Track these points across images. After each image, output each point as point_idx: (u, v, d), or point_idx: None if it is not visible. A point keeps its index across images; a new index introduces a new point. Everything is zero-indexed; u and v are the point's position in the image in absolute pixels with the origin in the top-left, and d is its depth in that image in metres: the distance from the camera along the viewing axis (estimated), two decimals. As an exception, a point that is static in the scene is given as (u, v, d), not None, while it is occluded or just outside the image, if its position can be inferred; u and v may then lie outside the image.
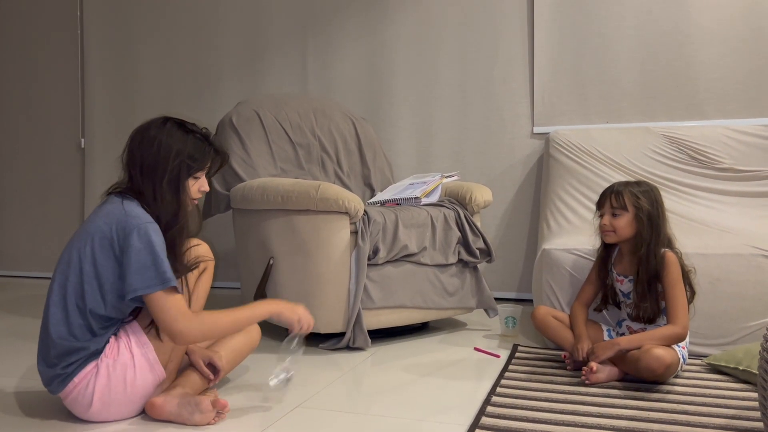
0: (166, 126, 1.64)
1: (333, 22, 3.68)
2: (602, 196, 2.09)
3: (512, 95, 3.38)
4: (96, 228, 1.55)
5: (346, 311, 2.33)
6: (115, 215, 1.55)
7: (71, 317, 1.53)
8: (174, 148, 1.61)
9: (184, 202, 1.64)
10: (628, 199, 2.01)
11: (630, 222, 2.01)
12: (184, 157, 1.62)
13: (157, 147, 1.60)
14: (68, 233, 4.25)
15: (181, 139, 1.63)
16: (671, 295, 1.95)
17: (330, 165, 3.00)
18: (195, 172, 1.65)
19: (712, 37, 3.07)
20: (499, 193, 3.40)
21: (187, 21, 3.96)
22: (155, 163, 1.60)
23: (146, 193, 1.59)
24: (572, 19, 3.26)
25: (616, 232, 2.03)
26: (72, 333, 1.53)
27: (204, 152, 1.66)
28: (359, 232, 2.34)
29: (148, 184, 1.60)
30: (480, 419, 1.62)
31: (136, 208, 1.56)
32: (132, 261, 1.49)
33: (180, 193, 1.62)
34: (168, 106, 4.00)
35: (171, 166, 1.60)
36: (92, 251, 1.53)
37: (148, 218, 1.55)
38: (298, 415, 1.68)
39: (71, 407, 1.59)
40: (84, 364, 1.53)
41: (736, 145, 2.90)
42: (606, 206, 2.06)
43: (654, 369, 1.83)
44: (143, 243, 1.50)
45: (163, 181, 1.60)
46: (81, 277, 1.54)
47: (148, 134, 1.62)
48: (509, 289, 3.40)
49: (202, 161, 1.66)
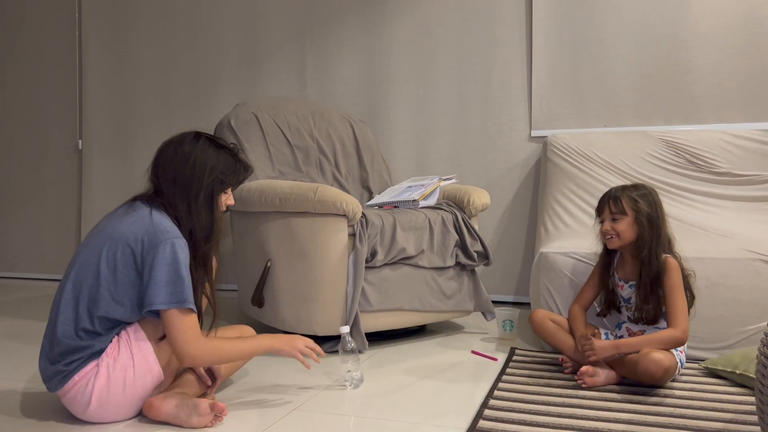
0: (199, 141, 1.67)
1: (331, 26, 3.68)
2: (601, 201, 2.10)
3: (510, 99, 3.39)
4: (121, 234, 1.56)
5: (344, 314, 2.33)
6: (143, 225, 1.56)
7: (80, 318, 1.54)
8: (208, 164, 1.65)
9: (218, 217, 1.69)
10: (626, 203, 2.02)
11: (630, 225, 2.02)
12: (218, 173, 1.66)
13: (192, 163, 1.63)
14: (65, 234, 4.25)
15: (214, 155, 1.67)
16: (672, 299, 1.95)
17: (328, 168, 3.00)
18: (227, 187, 1.71)
19: (709, 43, 3.08)
20: (497, 197, 3.41)
21: (185, 23, 3.96)
22: (191, 178, 1.63)
23: (180, 207, 1.62)
24: (570, 24, 3.27)
25: (619, 236, 2.03)
26: (78, 333, 1.54)
27: (235, 168, 1.71)
28: (357, 235, 2.34)
29: (182, 198, 1.63)
30: (477, 423, 1.62)
31: (165, 221, 1.58)
32: (156, 275, 1.52)
33: (214, 208, 1.67)
34: (166, 108, 4.00)
35: (206, 182, 1.64)
36: (114, 257, 1.54)
37: (177, 233, 1.57)
38: (295, 417, 1.68)
39: (69, 405, 1.59)
40: (85, 362, 1.53)
41: (734, 150, 2.91)
42: (605, 212, 2.06)
43: (652, 373, 1.83)
44: (170, 259, 1.53)
45: (199, 196, 1.64)
46: (98, 280, 1.54)
47: (182, 149, 1.65)
48: (507, 293, 3.40)
49: (234, 177, 1.71)
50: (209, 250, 1.68)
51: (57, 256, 4.27)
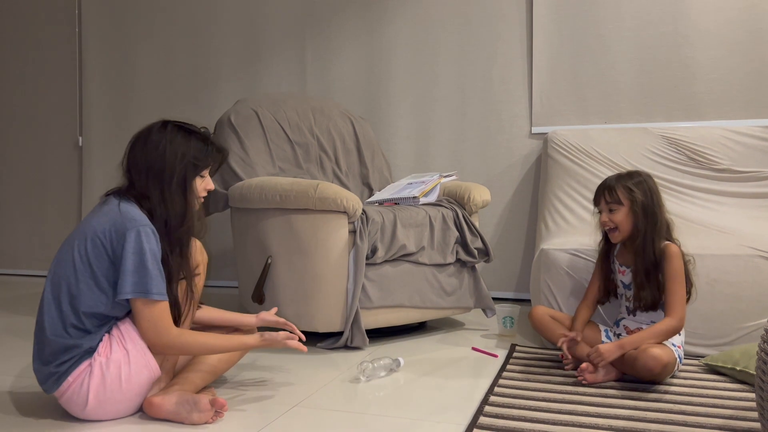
0: (167, 129, 1.67)
1: (332, 23, 3.68)
2: (597, 192, 2.10)
3: (511, 95, 3.39)
4: (90, 228, 1.57)
5: (344, 310, 2.33)
6: (110, 216, 1.57)
7: (65, 315, 1.54)
8: (179, 150, 1.65)
9: (191, 203, 1.69)
10: (621, 193, 2.02)
11: (627, 215, 2.02)
12: (190, 158, 1.66)
13: (162, 150, 1.63)
14: (66, 231, 4.25)
15: (183, 140, 1.67)
16: (671, 288, 1.96)
17: (328, 164, 3.00)
18: (201, 171, 1.70)
19: (710, 39, 3.07)
20: (498, 193, 3.41)
21: (185, 19, 3.95)
22: (162, 166, 1.63)
23: (153, 196, 1.62)
24: (571, 20, 3.27)
25: (618, 228, 2.03)
26: (67, 330, 1.54)
27: (207, 151, 1.71)
28: (357, 232, 2.34)
29: (155, 187, 1.63)
30: (478, 419, 1.63)
31: (132, 210, 1.58)
32: (124, 263, 1.52)
33: (188, 193, 1.67)
34: (166, 104, 4.00)
35: (178, 168, 1.64)
36: (85, 251, 1.55)
37: (144, 221, 1.57)
38: (296, 414, 1.68)
39: (67, 406, 1.59)
40: (77, 362, 1.53)
41: (734, 146, 2.90)
42: (601, 202, 2.07)
43: (651, 368, 1.84)
44: (136, 247, 1.53)
45: (171, 183, 1.64)
46: (75, 276, 1.55)
47: (151, 139, 1.65)
48: (507, 289, 3.40)
49: (206, 160, 1.71)
50: (184, 237, 1.67)
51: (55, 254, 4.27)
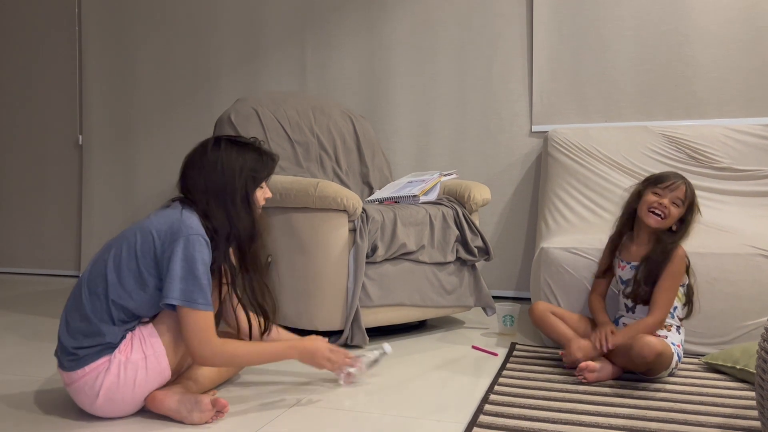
0: (221, 146, 1.67)
1: (331, 21, 3.67)
2: (674, 179, 2.03)
3: (511, 93, 3.39)
4: (148, 223, 1.58)
5: (344, 309, 2.33)
6: (170, 218, 1.58)
7: (95, 297, 1.54)
8: (237, 165, 1.66)
9: (257, 215, 1.70)
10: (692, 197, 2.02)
11: (676, 217, 2.02)
12: (248, 171, 1.67)
13: (221, 169, 1.64)
14: (65, 230, 4.25)
15: (239, 155, 1.67)
16: (665, 285, 1.97)
17: (328, 163, 3.00)
18: (260, 182, 1.71)
19: (710, 38, 3.07)
20: (498, 192, 3.41)
21: (185, 18, 3.95)
22: (223, 184, 1.63)
23: (218, 215, 1.62)
24: (571, 19, 3.26)
25: (665, 220, 2.01)
26: (95, 313, 1.54)
27: (263, 162, 1.72)
28: (358, 230, 2.34)
29: (218, 206, 1.63)
30: (478, 417, 1.63)
31: (193, 219, 1.58)
32: (173, 267, 1.52)
33: (252, 207, 1.68)
34: (166, 102, 4.00)
35: (239, 183, 1.65)
36: (136, 242, 1.55)
37: (201, 231, 1.57)
38: (296, 413, 1.68)
39: (75, 396, 1.58)
40: (97, 355, 1.53)
41: (735, 145, 2.90)
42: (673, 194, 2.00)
43: (645, 356, 1.83)
44: (187, 254, 1.53)
45: (236, 200, 1.64)
46: (118, 263, 1.55)
47: (207, 158, 1.65)
48: (507, 288, 3.41)
49: (264, 170, 1.72)
50: (257, 250, 1.69)
51: (57, 252, 4.28)
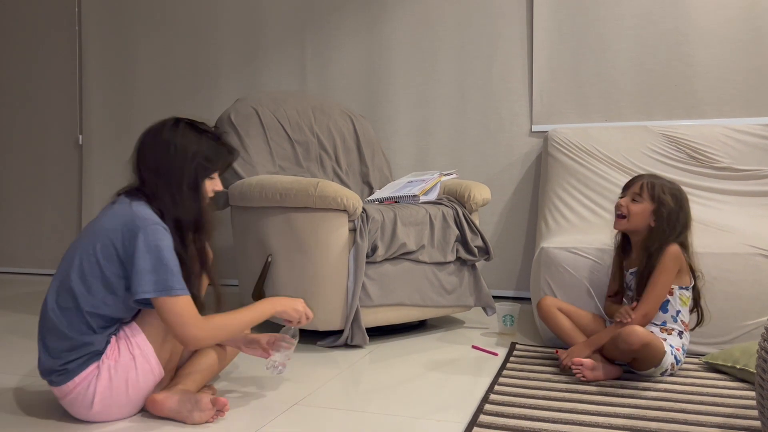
0: (179, 127, 1.61)
1: (332, 21, 3.67)
2: (633, 179, 2.08)
3: (511, 93, 3.38)
4: (101, 227, 1.53)
5: (344, 309, 2.33)
6: (121, 215, 1.53)
7: (68, 312, 1.51)
8: (190, 150, 1.60)
9: (204, 205, 1.64)
10: (656, 191, 2.00)
11: (646, 213, 2.01)
12: (201, 158, 1.61)
13: (173, 150, 1.58)
14: (65, 230, 4.25)
15: (195, 140, 1.61)
16: (653, 280, 1.97)
17: (328, 163, 3.00)
18: (211, 173, 1.65)
19: (711, 37, 3.07)
20: (498, 192, 3.40)
21: (185, 17, 3.95)
22: (172, 166, 1.58)
23: (164, 197, 1.57)
24: (571, 18, 3.26)
25: (628, 218, 2.02)
26: (72, 329, 1.50)
27: (218, 152, 1.66)
28: (358, 230, 2.34)
29: (164, 187, 1.58)
30: (478, 417, 1.63)
31: (144, 209, 1.54)
32: (139, 263, 1.47)
33: (199, 195, 1.62)
34: (166, 102, 4.00)
35: (189, 168, 1.59)
36: (95, 250, 1.50)
37: (156, 219, 1.53)
38: (296, 412, 1.68)
39: (70, 408, 1.57)
40: (85, 364, 1.51)
41: (735, 145, 2.90)
42: (630, 190, 2.05)
43: (631, 343, 1.84)
44: (150, 245, 1.48)
45: (182, 184, 1.58)
46: (82, 274, 1.50)
47: (161, 137, 1.60)
48: (507, 288, 3.40)
49: (218, 161, 1.66)
50: (203, 241, 1.63)
51: (57, 252, 4.27)
